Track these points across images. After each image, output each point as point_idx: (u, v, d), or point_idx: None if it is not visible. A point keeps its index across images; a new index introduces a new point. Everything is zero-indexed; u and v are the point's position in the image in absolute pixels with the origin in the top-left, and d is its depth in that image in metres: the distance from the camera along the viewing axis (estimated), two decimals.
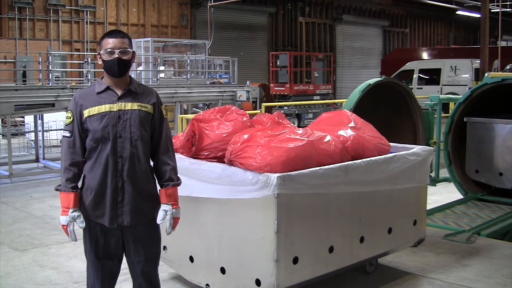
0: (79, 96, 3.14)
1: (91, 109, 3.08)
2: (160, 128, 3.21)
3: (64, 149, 3.11)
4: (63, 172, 3.08)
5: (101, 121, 3.06)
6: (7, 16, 18.76)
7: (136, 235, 3.18)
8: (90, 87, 3.22)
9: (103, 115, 3.07)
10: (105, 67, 3.11)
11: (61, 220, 3.08)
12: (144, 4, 22.27)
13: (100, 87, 3.14)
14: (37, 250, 5.59)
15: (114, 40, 3.09)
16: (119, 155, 3.07)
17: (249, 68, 24.37)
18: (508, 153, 6.81)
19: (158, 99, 3.24)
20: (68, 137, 3.09)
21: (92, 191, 3.08)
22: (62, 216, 3.07)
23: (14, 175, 9.29)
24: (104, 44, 3.10)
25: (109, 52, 3.08)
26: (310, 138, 3.89)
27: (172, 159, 3.25)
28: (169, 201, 3.19)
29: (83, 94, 3.16)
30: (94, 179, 3.08)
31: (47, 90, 9.91)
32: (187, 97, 12.66)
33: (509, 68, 14.32)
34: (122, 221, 3.10)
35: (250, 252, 3.70)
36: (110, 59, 3.08)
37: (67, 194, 3.06)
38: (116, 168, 3.07)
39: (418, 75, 23.62)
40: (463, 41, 37.89)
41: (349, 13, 30.34)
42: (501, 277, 4.64)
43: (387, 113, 6.91)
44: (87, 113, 3.07)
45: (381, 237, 4.38)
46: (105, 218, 3.09)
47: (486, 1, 17.14)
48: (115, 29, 3.23)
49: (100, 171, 3.07)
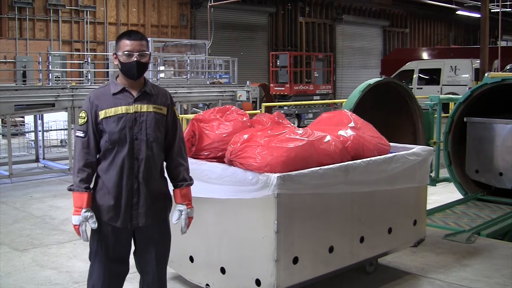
0: (94, 96, 3.11)
1: (108, 110, 3.06)
2: (174, 129, 3.24)
3: (78, 149, 3.08)
4: (77, 172, 3.05)
5: (118, 123, 3.06)
6: (7, 16, 18.76)
7: (148, 234, 3.20)
8: (104, 87, 3.18)
9: (120, 117, 3.06)
10: (123, 69, 3.10)
11: (73, 220, 3.05)
12: (144, 4, 22.27)
13: (115, 88, 3.12)
14: (37, 250, 5.59)
15: (132, 42, 3.08)
16: (135, 157, 3.08)
17: (249, 68, 24.37)
18: (508, 153, 6.81)
19: (171, 100, 3.26)
20: (82, 137, 3.06)
21: (107, 192, 3.08)
22: (74, 216, 3.04)
23: (14, 175, 9.29)
24: (122, 45, 3.09)
25: (128, 54, 3.06)
26: (310, 138, 3.89)
27: (185, 159, 3.30)
28: (183, 201, 3.25)
29: (99, 94, 3.12)
30: (110, 180, 3.08)
31: (47, 90, 9.90)
32: (187, 97, 12.66)
33: (509, 68, 14.32)
34: (137, 222, 3.12)
35: (250, 252, 3.70)
36: (129, 62, 3.07)
37: (81, 194, 3.03)
38: (132, 170, 3.08)
39: (418, 75, 23.62)
40: (463, 41, 37.88)
41: (349, 13, 30.33)
42: (501, 277, 4.65)
43: (387, 113, 6.91)
44: (103, 114, 3.06)
45: (381, 237, 4.38)
46: (118, 220, 3.10)
47: (486, 1, 17.15)
48: (132, 30, 3.20)
49: (116, 173, 3.07)
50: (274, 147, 3.69)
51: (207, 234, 3.98)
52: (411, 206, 4.69)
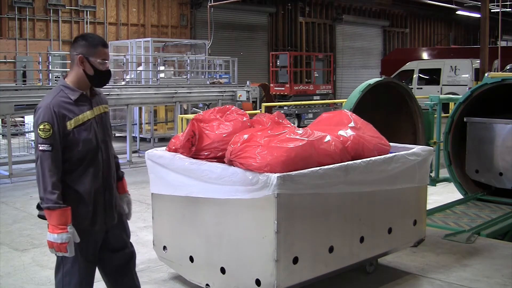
0: (56, 106, 2.95)
1: (75, 119, 2.99)
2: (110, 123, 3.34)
3: (46, 164, 2.90)
4: (52, 189, 2.89)
5: (89, 130, 3.03)
6: (7, 16, 18.76)
7: (118, 227, 3.28)
8: (57, 94, 3.02)
9: (89, 124, 3.05)
10: (95, 75, 3.06)
11: (59, 239, 2.89)
12: (144, 4, 22.27)
13: (74, 94, 3.03)
14: (37, 250, 5.58)
15: (107, 50, 3.12)
16: (103, 160, 3.12)
17: (249, 68, 24.37)
18: (508, 153, 6.81)
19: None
20: (50, 151, 2.90)
21: (81, 201, 3.03)
22: (60, 235, 2.88)
23: (14, 175, 9.30)
24: (100, 52, 3.06)
25: (103, 63, 3.08)
26: (310, 138, 3.89)
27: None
28: (126, 191, 3.43)
29: (60, 103, 2.98)
30: (83, 188, 3.03)
31: (47, 90, 9.84)
32: (187, 97, 12.66)
33: (509, 68, 14.34)
34: (111, 222, 3.19)
35: (250, 252, 3.70)
36: (105, 70, 3.09)
37: (64, 211, 2.91)
38: (102, 173, 3.12)
39: (418, 75, 23.62)
40: (463, 41, 37.89)
41: (349, 13, 30.34)
42: (501, 277, 4.64)
43: (387, 113, 6.91)
44: (73, 123, 2.98)
45: (381, 237, 4.38)
46: (96, 224, 3.10)
47: (486, 1, 17.15)
48: (100, 37, 3.24)
49: (90, 179, 3.05)
50: (274, 147, 3.69)
51: (207, 234, 3.97)
52: (411, 206, 4.69)
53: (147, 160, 4.40)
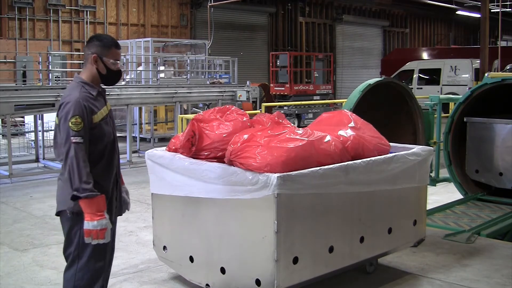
0: (85, 100, 3.09)
1: (99, 113, 3.17)
2: None
3: (81, 155, 3.03)
4: (86, 178, 3.01)
5: (108, 124, 3.23)
6: (7, 16, 18.76)
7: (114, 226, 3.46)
8: (80, 89, 3.14)
9: (107, 118, 3.24)
10: (107, 74, 3.22)
11: (101, 225, 3.03)
12: (144, 4, 22.28)
13: (93, 90, 3.20)
14: (37, 250, 5.58)
15: (119, 52, 3.26)
16: (117, 153, 3.34)
17: (249, 68, 24.36)
18: (508, 153, 6.81)
19: None
20: (82, 143, 3.05)
21: (105, 192, 3.18)
22: (100, 221, 3.03)
23: (14, 175, 9.29)
24: (113, 53, 3.22)
25: (115, 63, 3.23)
26: (310, 138, 3.89)
27: None
28: (124, 182, 3.57)
29: (86, 97, 3.12)
30: (107, 181, 3.23)
31: (47, 90, 9.90)
32: (187, 97, 12.65)
33: (509, 68, 14.35)
34: (120, 211, 3.42)
35: (250, 252, 3.70)
36: (117, 70, 3.25)
37: (100, 198, 3.05)
38: (116, 166, 3.33)
39: (418, 75, 23.62)
40: (463, 41, 37.88)
41: (349, 13, 30.33)
42: (501, 277, 4.64)
43: (387, 113, 6.91)
44: (97, 117, 3.15)
45: (381, 237, 4.38)
46: (112, 215, 3.28)
47: (486, 1, 17.15)
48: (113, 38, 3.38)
49: (109, 171, 3.25)
50: (274, 147, 3.69)
51: (207, 234, 3.98)
52: (411, 206, 4.69)
53: (147, 160, 4.40)
